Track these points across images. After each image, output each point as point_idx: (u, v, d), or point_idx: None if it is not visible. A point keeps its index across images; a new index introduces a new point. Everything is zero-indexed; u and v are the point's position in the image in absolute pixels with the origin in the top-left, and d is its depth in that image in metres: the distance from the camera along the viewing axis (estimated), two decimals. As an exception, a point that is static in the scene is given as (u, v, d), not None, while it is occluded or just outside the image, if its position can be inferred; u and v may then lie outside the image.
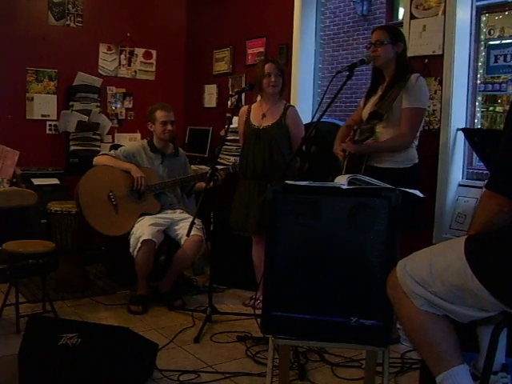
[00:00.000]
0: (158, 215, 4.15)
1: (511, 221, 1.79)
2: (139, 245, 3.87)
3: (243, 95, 4.70)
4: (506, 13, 3.74)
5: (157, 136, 4.32)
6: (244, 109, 4.21)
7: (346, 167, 3.32)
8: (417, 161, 3.40)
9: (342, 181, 2.34)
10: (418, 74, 3.34)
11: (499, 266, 1.75)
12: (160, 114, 4.27)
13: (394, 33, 3.39)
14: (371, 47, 3.35)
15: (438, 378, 1.91)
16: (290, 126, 3.97)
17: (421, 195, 2.37)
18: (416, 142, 3.40)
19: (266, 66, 3.95)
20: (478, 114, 3.91)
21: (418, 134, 3.39)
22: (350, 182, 2.33)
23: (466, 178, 3.89)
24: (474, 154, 3.82)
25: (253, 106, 4.15)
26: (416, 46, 3.90)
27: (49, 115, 5.63)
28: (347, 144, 3.34)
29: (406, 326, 2.06)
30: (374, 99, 3.44)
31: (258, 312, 2.61)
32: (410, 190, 2.33)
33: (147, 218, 4.07)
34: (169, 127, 4.27)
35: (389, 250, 2.22)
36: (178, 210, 4.29)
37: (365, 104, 3.53)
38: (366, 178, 2.43)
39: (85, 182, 4.10)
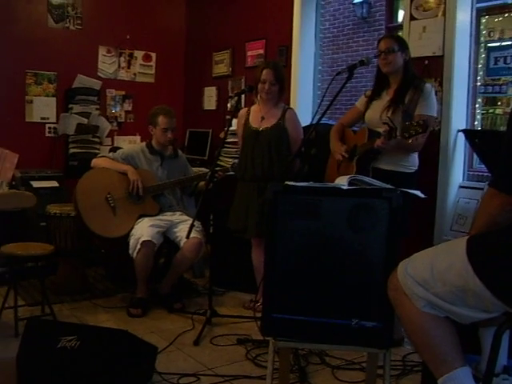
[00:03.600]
0: (158, 217, 4.13)
1: (513, 220, 1.78)
2: (139, 246, 3.86)
3: (243, 97, 4.69)
4: (506, 15, 3.73)
5: (156, 140, 4.32)
6: (243, 111, 4.19)
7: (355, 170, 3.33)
8: (417, 167, 3.43)
9: (342, 181, 2.33)
10: (430, 84, 3.42)
11: (501, 265, 1.74)
12: (162, 121, 4.24)
13: (401, 41, 3.48)
14: (381, 55, 3.39)
15: (439, 381, 1.89)
16: (289, 128, 3.96)
17: (422, 196, 2.37)
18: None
19: (264, 72, 3.91)
20: (478, 116, 3.90)
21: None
22: (350, 183, 2.32)
23: (467, 180, 3.88)
24: (475, 156, 3.82)
25: (252, 108, 4.13)
26: (416, 47, 3.88)
27: (48, 118, 5.62)
28: (382, 141, 3.17)
29: (407, 328, 2.04)
30: (378, 103, 3.44)
31: (258, 314, 2.60)
32: (411, 191, 2.33)
33: (147, 219, 4.06)
34: (169, 135, 4.25)
35: (389, 251, 2.20)
36: (178, 212, 4.27)
37: (366, 107, 3.53)
38: (367, 179, 2.42)
39: (82, 185, 4.09)
